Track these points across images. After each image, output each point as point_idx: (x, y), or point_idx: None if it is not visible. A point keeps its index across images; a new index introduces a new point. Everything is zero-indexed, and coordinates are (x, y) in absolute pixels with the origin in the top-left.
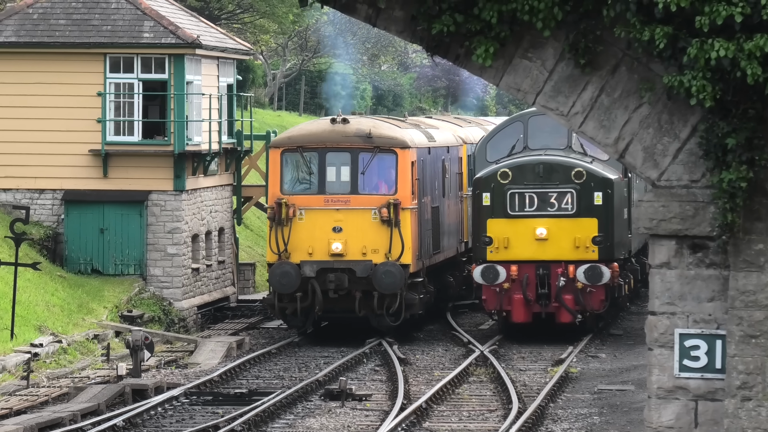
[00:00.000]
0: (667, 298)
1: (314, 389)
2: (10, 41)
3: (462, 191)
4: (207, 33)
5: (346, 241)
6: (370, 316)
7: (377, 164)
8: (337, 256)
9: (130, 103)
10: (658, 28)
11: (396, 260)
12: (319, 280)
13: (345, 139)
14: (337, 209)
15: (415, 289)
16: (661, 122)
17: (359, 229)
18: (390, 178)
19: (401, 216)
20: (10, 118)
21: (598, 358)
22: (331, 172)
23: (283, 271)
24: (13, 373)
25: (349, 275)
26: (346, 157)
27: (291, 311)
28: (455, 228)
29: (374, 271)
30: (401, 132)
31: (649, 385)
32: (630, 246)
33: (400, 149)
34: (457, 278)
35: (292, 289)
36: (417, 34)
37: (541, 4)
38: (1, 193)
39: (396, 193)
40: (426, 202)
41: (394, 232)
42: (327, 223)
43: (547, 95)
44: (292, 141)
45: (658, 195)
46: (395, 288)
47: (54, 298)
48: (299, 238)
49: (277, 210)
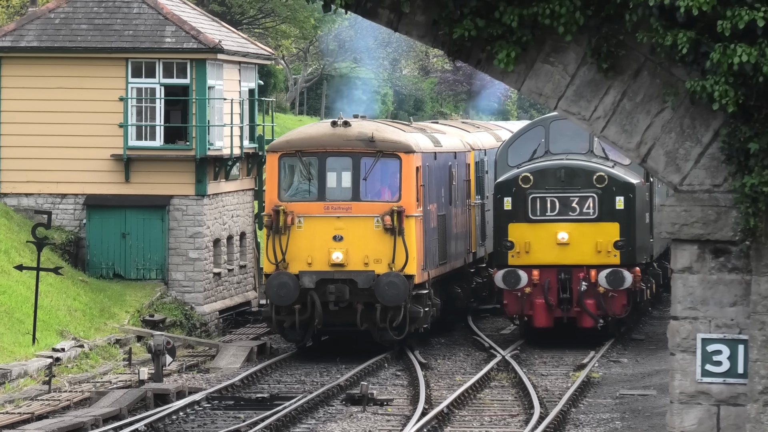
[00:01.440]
0: (689, 302)
1: (336, 394)
2: (31, 46)
3: (470, 199)
4: (229, 38)
5: (347, 251)
6: (372, 330)
7: (380, 169)
8: (338, 267)
9: (151, 108)
10: (680, 32)
11: (400, 271)
12: (319, 291)
13: (346, 143)
14: (338, 217)
15: (419, 302)
16: (684, 127)
17: (361, 238)
18: (394, 184)
19: (405, 224)
20: (32, 123)
21: (620, 362)
22: (332, 178)
23: (281, 282)
24: (35, 377)
25: (351, 286)
26: (347, 161)
27: (289, 324)
28: (463, 238)
29: (377, 282)
30: (405, 136)
31: (671, 390)
32: (652, 250)
33: (404, 154)
34: (465, 290)
35: (290, 301)
36: (438, 38)
37: (562, 8)
38: (23, 198)
39: (400, 200)
40: (432, 209)
41: (397, 241)
42: (327, 231)
43: (568, 100)
44: (291, 145)
45: (680, 199)
46: (399, 300)
47: (76, 303)
48: (298, 247)
49: (274, 218)
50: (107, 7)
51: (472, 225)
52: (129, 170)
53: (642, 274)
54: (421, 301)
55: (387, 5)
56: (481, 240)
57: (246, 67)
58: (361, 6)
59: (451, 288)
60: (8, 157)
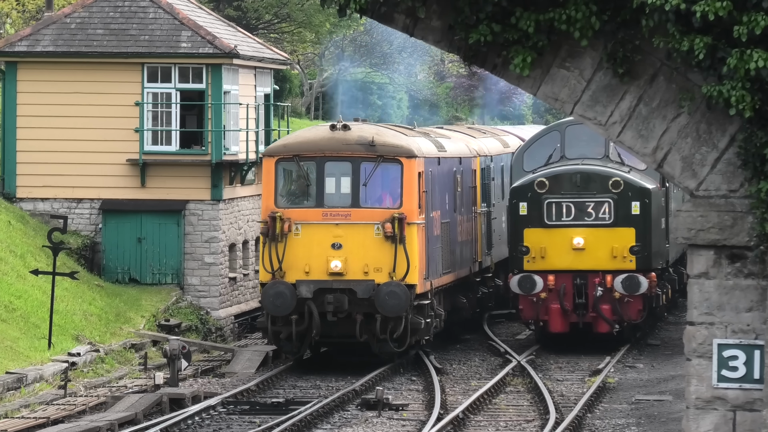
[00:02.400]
0: (705, 308)
1: (351, 399)
2: (47, 51)
3: (476, 207)
4: (244, 43)
5: (347, 259)
6: (372, 342)
7: (381, 175)
8: (337, 276)
9: (167, 112)
10: (697, 38)
11: (401, 280)
12: (317, 301)
13: (345, 147)
14: (337, 224)
15: (421, 312)
16: (700, 132)
17: (361, 246)
18: (395, 190)
19: (407, 231)
20: (47, 128)
21: (635, 368)
22: (330, 184)
23: (277, 291)
24: (50, 382)
25: (350, 296)
26: (346, 166)
27: (285, 335)
28: (468, 246)
29: (377, 291)
30: (407, 140)
31: (687, 395)
32: (668, 256)
33: (406, 158)
34: (471, 300)
35: (286, 312)
36: (454, 43)
37: (578, 13)
38: (39, 202)
39: (401, 207)
40: (435, 217)
41: (398, 249)
42: (325, 239)
43: (584, 105)
44: (288, 149)
45: (696, 205)
46: (400, 311)
47: (91, 308)
48: (295, 255)
49: (270, 224)
50: (123, 12)
51: (478, 233)
52: (145, 175)
53: (658, 279)
54: (423, 312)
55: (402, 10)
56: (487, 249)
57: (261, 71)
58: (377, 11)
59: (456, 298)
60: (24, 161)
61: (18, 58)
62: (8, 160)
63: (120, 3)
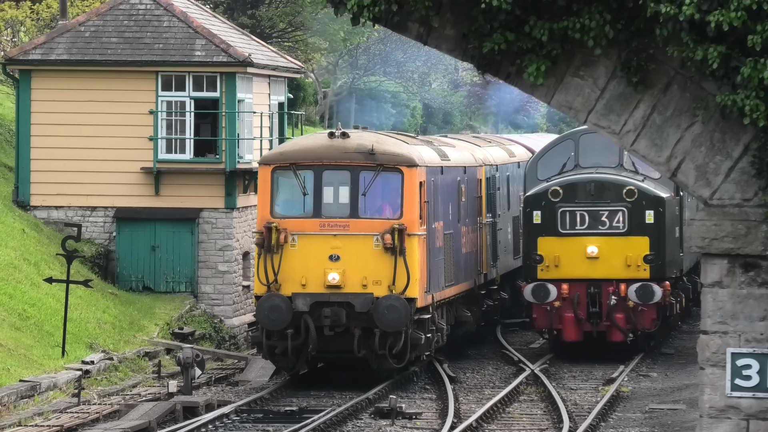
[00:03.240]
0: (719, 317)
1: (364, 407)
2: (62, 59)
3: (481, 217)
4: (258, 51)
5: (345, 271)
6: (370, 357)
7: (380, 184)
8: (334, 288)
9: (181, 121)
10: (711, 47)
11: (401, 293)
12: (313, 315)
13: (344, 156)
14: (335, 235)
15: (422, 327)
16: (714, 141)
17: (359, 258)
18: (395, 200)
19: (407, 243)
20: (62, 136)
21: (649, 377)
22: (328, 193)
23: (272, 304)
24: (64, 390)
25: (347, 310)
26: (345, 175)
27: (281, 350)
28: (472, 258)
29: (376, 305)
30: (408, 148)
31: (700, 404)
32: (681, 265)
33: (407, 167)
34: (475, 313)
35: (282, 325)
36: (468, 52)
37: (592, 22)
38: (53, 210)
39: (401, 218)
40: (437, 228)
41: (398, 261)
42: (323, 250)
43: (598, 113)
44: (285, 157)
45: (710, 214)
46: (399, 325)
47: (105, 316)
48: (291, 267)
49: (266, 235)
50: (137, 20)
51: (483, 245)
52: (159, 183)
53: (672, 288)
54: (424, 327)
55: (416, 19)
56: (492, 261)
57: (275, 80)
58: (390, 19)
59: (459, 312)
60: (38, 169)
61: (32, 66)
62: (22, 168)
63: (134, 11)
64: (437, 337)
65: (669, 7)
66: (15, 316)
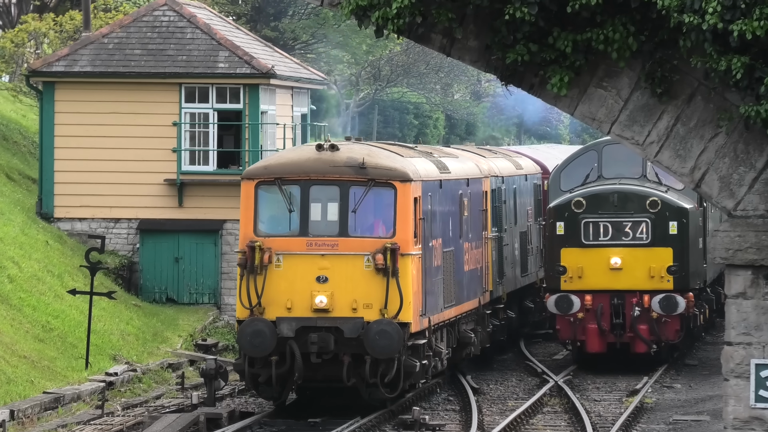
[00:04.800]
0: (743, 328)
1: (388, 419)
2: (85, 71)
3: (486, 232)
4: (281, 63)
5: (333, 294)
6: (361, 386)
7: (372, 200)
8: (322, 312)
9: (205, 132)
10: (734, 58)
11: (393, 318)
12: (299, 341)
13: (333, 170)
14: (323, 255)
15: (416, 353)
16: (737, 152)
17: (349, 280)
18: (387, 217)
19: (400, 263)
20: (85, 148)
21: (673, 388)
22: (316, 210)
23: (255, 329)
24: (88, 402)
25: (336, 335)
26: (334, 191)
27: (265, 379)
28: (477, 275)
29: (366, 330)
30: (402, 162)
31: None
32: (705, 276)
33: (400, 182)
34: (480, 334)
35: (265, 352)
36: (491, 63)
37: (616, 33)
38: (76, 222)
39: (394, 236)
40: (435, 245)
41: (391, 283)
42: (310, 271)
43: (622, 124)
44: (269, 171)
45: (734, 225)
46: (392, 352)
47: (129, 327)
48: (276, 289)
49: (249, 255)
50: (161, 32)
51: (489, 261)
52: (182, 195)
53: (695, 299)
54: (418, 353)
55: (439, 30)
56: (498, 278)
57: (298, 91)
58: (414, 31)
59: (461, 333)
60: (62, 181)
61: (56, 78)
62: (46, 180)
63: (158, 23)
64: (435, 362)
65: (692, 17)
66: (39, 327)
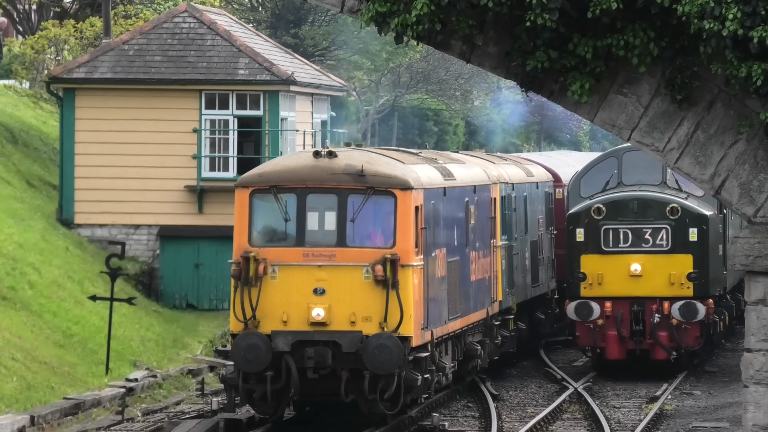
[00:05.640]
0: (763, 335)
1: (407, 425)
2: (105, 77)
3: (495, 240)
4: (301, 69)
5: (330, 307)
6: (360, 402)
7: (371, 209)
8: (319, 326)
9: (225, 139)
10: (755, 64)
11: (393, 331)
12: (296, 355)
13: (331, 178)
14: (320, 266)
15: (418, 367)
16: (757, 158)
17: (347, 292)
18: (387, 227)
19: (401, 275)
20: (105, 154)
21: (692, 395)
22: (313, 219)
23: (250, 343)
24: (108, 407)
25: (334, 350)
26: (331, 200)
27: (260, 394)
28: (485, 285)
29: (365, 345)
30: (402, 169)
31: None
32: (725, 282)
33: (400, 191)
34: (487, 346)
35: (260, 367)
36: (511, 70)
37: (636, 40)
38: (96, 228)
39: (394, 246)
40: (438, 255)
41: (391, 295)
42: (306, 283)
43: (642, 131)
44: (264, 179)
45: (754, 231)
46: (391, 367)
47: (149, 333)
48: (271, 302)
49: (243, 266)
50: (181, 39)
51: (498, 270)
52: (202, 201)
53: (715, 306)
54: (420, 367)
55: (459, 37)
56: (508, 288)
57: (318, 98)
58: (433, 38)
59: (468, 345)
60: (82, 188)
61: (76, 84)
62: (66, 187)
63: (178, 30)
64: (437, 377)
65: (712, 24)
66: (59, 333)
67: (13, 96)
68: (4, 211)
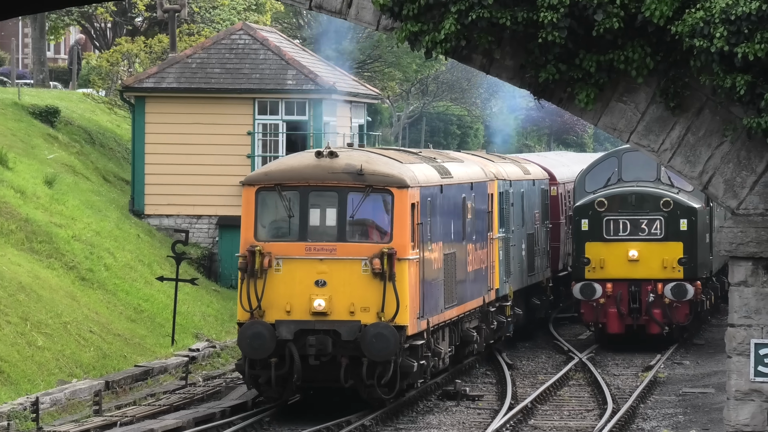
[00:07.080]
0: (744, 312)
1: (432, 390)
2: (171, 87)
3: (492, 232)
4: (341, 80)
5: (331, 298)
6: (359, 387)
7: (370, 206)
8: (320, 315)
9: (275, 141)
10: (739, 76)
11: (389, 321)
12: (298, 343)
13: (332, 176)
14: (321, 259)
15: (414, 354)
16: (740, 158)
17: (346, 284)
18: (384, 223)
19: (397, 268)
20: (171, 154)
21: (682, 364)
22: (315, 215)
23: (255, 332)
24: (173, 374)
25: (334, 338)
26: (332, 197)
27: (265, 380)
28: (481, 275)
29: (363, 333)
30: (400, 168)
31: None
32: (711, 266)
33: (397, 189)
34: (483, 332)
35: (265, 354)
36: (525, 80)
37: (635, 54)
38: (164, 218)
39: (391, 241)
40: (435, 248)
41: (387, 287)
42: (308, 275)
43: (639, 134)
44: (269, 177)
45: (737, 222)
46: (388, 354)
47: (209, 309)
48: (275, 293)
49: (249, 259)
50: (237, 53)
51: (495, 260)
52: None
53: (702, 287)
54: (416, 354)
55: (480, 51)
56: (505, 276)
57: (356, 105)
58: (458, 53)
59: (465, 332)
60: (151, 183)
61: (146, 93)
62: (137, 182)
63: (235, 45)
64: (434, 362)
65: (702, 41)
66: (131, 309)
67: (91, 103)
68: (83, 202)
